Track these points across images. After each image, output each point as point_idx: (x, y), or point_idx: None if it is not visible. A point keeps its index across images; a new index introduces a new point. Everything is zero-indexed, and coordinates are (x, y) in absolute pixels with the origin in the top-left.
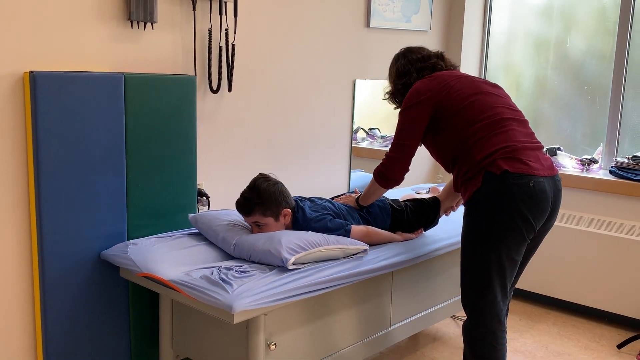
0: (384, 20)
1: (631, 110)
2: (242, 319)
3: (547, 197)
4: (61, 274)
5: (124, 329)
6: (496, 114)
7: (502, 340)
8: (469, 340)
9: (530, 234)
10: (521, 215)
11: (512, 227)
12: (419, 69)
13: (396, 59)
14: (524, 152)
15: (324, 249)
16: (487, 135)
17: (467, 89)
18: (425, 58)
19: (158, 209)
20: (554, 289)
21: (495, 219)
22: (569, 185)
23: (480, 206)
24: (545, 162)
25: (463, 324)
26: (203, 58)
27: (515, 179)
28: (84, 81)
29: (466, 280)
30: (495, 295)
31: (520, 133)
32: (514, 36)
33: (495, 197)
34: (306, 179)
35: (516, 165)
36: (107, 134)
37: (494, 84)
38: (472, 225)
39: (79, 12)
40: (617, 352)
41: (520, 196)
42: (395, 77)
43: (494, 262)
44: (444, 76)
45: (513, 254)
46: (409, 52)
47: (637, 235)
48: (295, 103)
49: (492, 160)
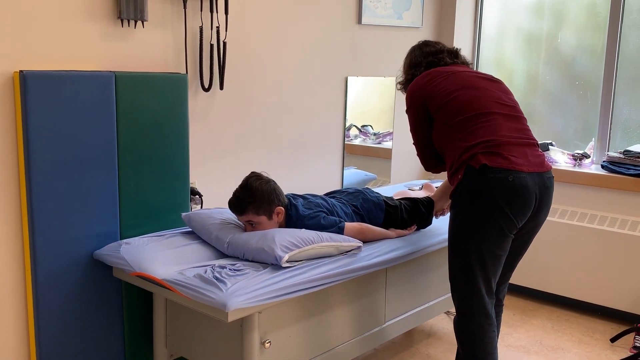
0: (375, 17)
1: (622, 105)
2: (236, 317)
3: (528, 192)
4: (54, 274)
5: (118, 328)
6: (481, 107)
7: (490, 333)
8: (458, 334)
9: (511, 229)
10: (499, 210)
11: (489, 221)
12: (429, 63)
13: (412, 50)
14: (507, 147)
15: (317, 247)
16: (469, 130)
17: (453, 84)
18: (438, 52)
19: (151, 208)
20: (548, 284)
21: (474, 213)
22: (561, 180)
23: (461, 200)
24: (534, 159)
25: (454, 319)
26: (194, 56)
27: (494, 173)
28: (75, 80)
29: (451, 273)
30: (480, 288)
31: (505, 127)
32: (505, 32)
33: (473, 191)
34: (299, 177)
35: (496, 160)
36: (98, 133)
37: (494, 78)
38: (453, 218)
39: (69, 11)
40: (611, 346)
41: (499, 190)
42: (407, 67)
43: (475, 255)
44: (434, 72)
45: (494, 248)
46: (425, 45)
47: (629, 229)
48: (287, 100)
49: (473, 154)
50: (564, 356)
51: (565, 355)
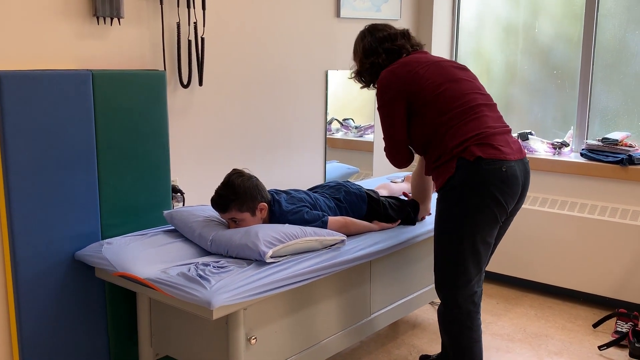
0: (354, 10)
1: (600, 93)
2: (221, 315)
3: (518, 180)
4: (35, 276)
5: (102, 329)
6: (468, 101)
7: (477, 321)
8: (444, 324)
9: (502, 217)
10: (494, 200)
11: (486, 212)
12: (387, 51)
13: (362, 36)
14: (495, 137)
15: (301, 241)
16: (459, 123)
17: (437, 77)
18: (392, 37)
19: (132, 206)
20: (530, 272)
21: (470, 205)
22: (541, 168)
23: (454, 192)
24: (515, 146)
25: (438, 309)
26: (172, 52)
27: (488, 165)
28: (51, 80)
29: (441, 266)
30: (471, 279)
31: (490, 118)
32: (483, 22)
33: (469, 183)
34: (281, 172)
35: (489, 151)
36: (76, 132)
37: (462, 66)
38: (447, 211)
39: (43, 9)
40: (593, 331)
41: (494, 181)
42: (362, 55)
43: (469, 246)
44: (412, 63)
45: (487, 237)
46: (375, 29)
47: (609, 216)
48: (267, 95)
49: (465, 147)
50: (547, 343)
51: (549, 341)
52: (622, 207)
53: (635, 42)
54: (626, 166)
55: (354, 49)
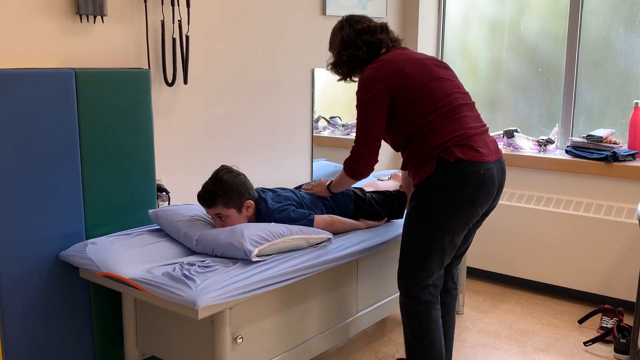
0: (339, 8)
1: (585, 90)
2: (207, 314)
3: (494, 182)
4: (18, 277)
5: (87, 330)
6: (451, 101)
7: (436, 312)
8: (405, 314)
9: (474, 219)
10: (469, 202)
11: (459, 213)
12: (367, 44)
13: (340, 26)
14: (474, 138)
15: (287, 240)
16: (441, 124)
17: (422, 76)
18: (372, 30)
19: (116, 206)
20: (516, 269)
21: (445, 204)
22: (526, 165)
23: (432, 191)
24: (492, 146)
25: (399, 301)
26: (156, 51)
27: (468, 167)
28: (33, 78)
29: (406, 257)
30: (432, 274)
31: (470, 118)
32: (469, 20)
33: (448, 184)
34: (268, 170)
35: (469, 153)
36: (59, 131)
37: (443, 63)
38: (421, 207)
39: (25, 7)
40: (579, 327)
41: (472, 183)
42: (339, 46)
43: (437, 244)
44: (396, 61)
45: (455, 238)
46: (354, 21)
47: (594, 213)
48: (253, 93)
49: (447, 148)
50: (534, 339)
51: (535, 337)
52: (607, 203)
53: (619, 39)
54: (610, 163)
55: (331, 40)
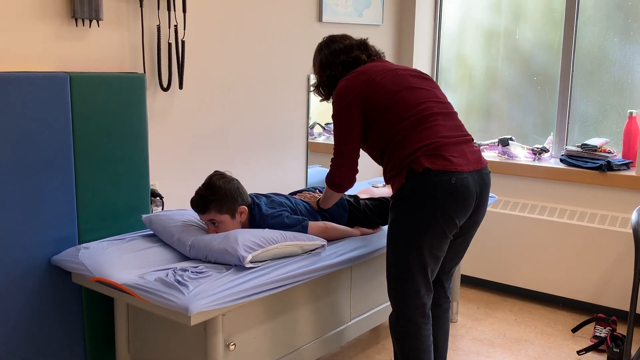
0: (336, 15)
1: (579, 99)
2: (199, 321)
3: (470, 192)
4: (10, 281)
5: (79, 335)
6: (423, 109)
7: (426, 332)
8: (393, 332)
9: (451, 230)
10: (442, 212)
11: (432, 224)
12: (343, 63)
13: (319, 49)
14: (447, 147)
15: (281, 246)
16: (412, 132)
17: (393, 85)
18: (348, 49)
19: (110, 211)
20: (510, 277)
21: (417, 216)
22: (521, 174)
23: (403, 202)
24: (472, 156)
25: (389, 316)
26: (152, 55)
27: (436, 177)
28: (28, 82)
29: (390, 273)
30: (419, 290)
31: (445, 127)
32: (464, 29)
33: (416, 194)
34: (263, 176)
35: (438, 162)
36: (53, 135)
37: (423, 74)
38: (395, 220)
39: (21, 11)
40: (572, 336)
41: (442, 193)
42: (319, 68)
43: (415, 257)
44: (369, 71)
45: (434, 250)
46: (332, 42)
47: (588, 222)
48: (249, 99)
49: (415, 158)
50: (527, 347)
51: (529, 346)
52: (601, 212)
53: (614, 49)
54: (605, 172)
55: (313, 62)
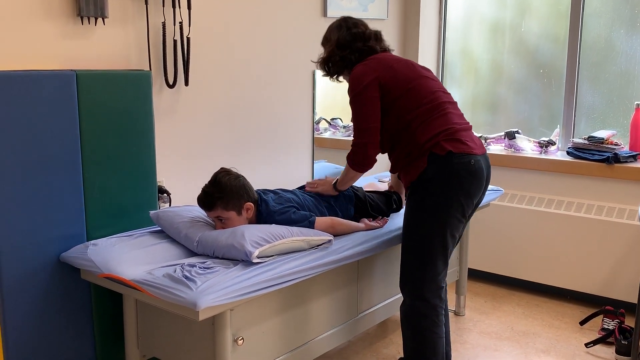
0: (340, 10)
1: (586, 92)
2: (208, 316)
3: (483, 173)
4: (20, 278)
5: (88, 331)
6: (435, 98)
7: (442, 317)
8: (410, 320)
9: (469, 210)
10: (464, 192)
11: (455, 205)
12: (360, 50)
13: (338, 26)
14: (461, 133)
15: (288, 241)
16: (428, 119)
17: (410, 72)
18: (367, 37)
19: (118, 207)
20: (517, 270)
21: (442, 198)
22: (527, 167)
23: (427, 186)
24: (478, 141)
25: (401, 307)
26: (157, 52)
27: (458, 159)
28: (35, 80)
29: (409, 259)
30: (439, 272)
31: (455, 115)
32: (470, 22)
33: (442, 177)
34: (269, 172)
35: (458, 146)
36: (60, 133)
37: (426, 68)
38: (418, 204)
39: (27, 9)
40: (580, 329)
41: (464, 174)
42: (334, 45)
43: (439, 239)
44: (386, 59)
45: (455, 231)
46: (353, 24)
47: (595, 214)
48: (254, 95)
49: (436, 143)
50: (535, 340)
51: (537, 339)
52: (608, 205)
53: (620, 41)
54: (612, 164)
55: (326, 36)
